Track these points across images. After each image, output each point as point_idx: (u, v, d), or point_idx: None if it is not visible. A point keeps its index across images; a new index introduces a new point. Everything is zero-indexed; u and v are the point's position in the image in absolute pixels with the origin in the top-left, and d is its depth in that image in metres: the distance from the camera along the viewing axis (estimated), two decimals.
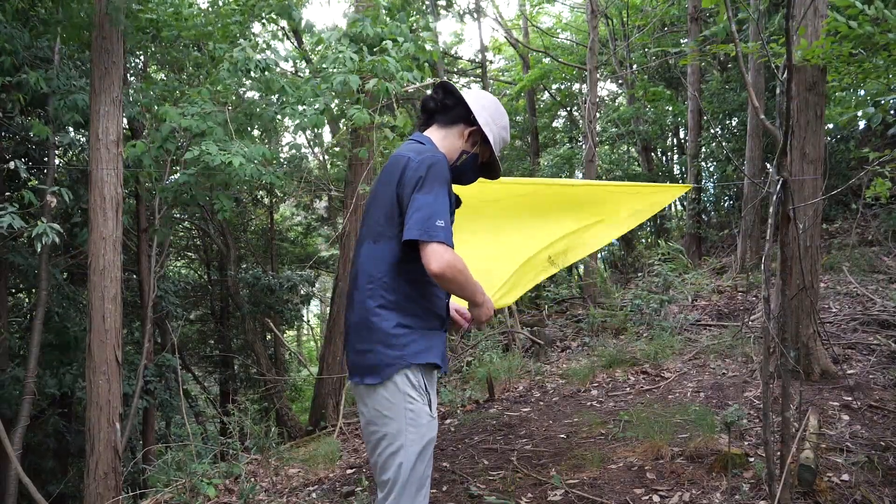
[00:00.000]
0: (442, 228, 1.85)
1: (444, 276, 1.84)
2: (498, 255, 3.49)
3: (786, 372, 2.53)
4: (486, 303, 2.11)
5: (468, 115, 2.14)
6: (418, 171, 1.91)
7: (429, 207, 1.87)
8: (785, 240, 2.44)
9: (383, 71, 5.60)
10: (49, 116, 6.83)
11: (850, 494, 2.85)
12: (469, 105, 2.13)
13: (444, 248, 1.84)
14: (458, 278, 1.88)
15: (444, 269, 1.83)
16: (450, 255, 1.85)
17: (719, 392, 4.66)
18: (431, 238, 1.83)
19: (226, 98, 6.36)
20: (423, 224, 1.85)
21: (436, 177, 1.91)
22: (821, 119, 4.45)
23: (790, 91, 2.38)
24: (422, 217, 1.85)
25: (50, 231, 5.34)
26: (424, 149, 2.02)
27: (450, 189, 1.98)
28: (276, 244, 14.27)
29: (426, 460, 2.00)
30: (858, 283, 6.76)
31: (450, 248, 1.85)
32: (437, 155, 1.98)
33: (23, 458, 7.04)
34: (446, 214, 1.89)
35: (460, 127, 2.16)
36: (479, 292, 2.04)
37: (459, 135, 2.16)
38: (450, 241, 1.87)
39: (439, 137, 2.16)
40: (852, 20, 3.69)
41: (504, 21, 15.25)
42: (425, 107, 2.20)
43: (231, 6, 6.68)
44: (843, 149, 9.84)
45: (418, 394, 1.98)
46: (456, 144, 2.16)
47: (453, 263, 1.85)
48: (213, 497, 4.08)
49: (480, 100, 2.18)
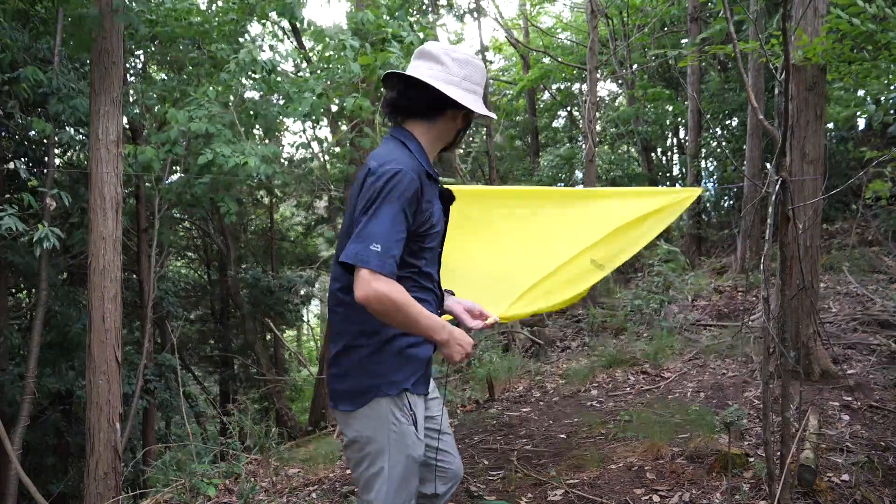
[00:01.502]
0: (376, 254, 1.67)
1: (368, 306, 1.67)
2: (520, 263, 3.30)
3: (786, 372, 2.53)
4: (453, 340, 1.84)
5: (450, 99, 1.84)
6: (373, 186, 1.73)
7: (367, 229, 1.70)
8: (785, 240, 2.44)
9: (386, 63, 5.59)
10: (49, 114, 6.83)
11: (850, 494, 2.85)
12: (445, 92, 1.83)
13: (372, 276, 1.66)
14: (388, 310, 1.69)
15: (369, 299, 1.66)
16: (379, 283, 1.66)
17: (719, 392, 4.66)
18: (360, 263, 1.67)
19: (227, 99, 6.37)
20: (356, 246, 1.69)
21: (389, 194, 1.71)
22: (821, 119, 4.45)
23: (789, 91, 2.38)
24: (356, 238, 1.71)
25: (51, 235, 5.34)
26: (391, 156, 1.79)
27: (406, 207, 1.74)
28: (276, 244, 14.27)
29: (411, 480, 1.91)
30: (858, 283, 6.76)
31: (382, 277, 1.67)
32: (401, 166, 1.75)
33: (23, 457, 7.04)
34: (389, 238, 1.70)
35: (448, 113, 1.90)
36: (433, 328, 1.79)
37: (451, 119, 1.93)
38: (385, 268, 1.67)
39: (424, 130, 1.91)
40: (853, 18, 3.69)
41: (504, 21, 15.25)
42: (396, 107, 1.92)
43: (229, 5, 6.68)
44: (843, 149, 9.84)
45: (403, 415, 1.87)
46: (449, 129, 1.95)
47: (381, 294, 1.66)
48: (213, 497, 4.08)
49: (450, 72, 1.87)
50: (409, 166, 1.76)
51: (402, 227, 1.74)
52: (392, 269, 1.70)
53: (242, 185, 10.74)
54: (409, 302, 1.72)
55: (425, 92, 1.84)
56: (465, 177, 9.63)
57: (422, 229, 1.83)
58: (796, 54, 4.15)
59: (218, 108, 5.97)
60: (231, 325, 13.33)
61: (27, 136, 7.75)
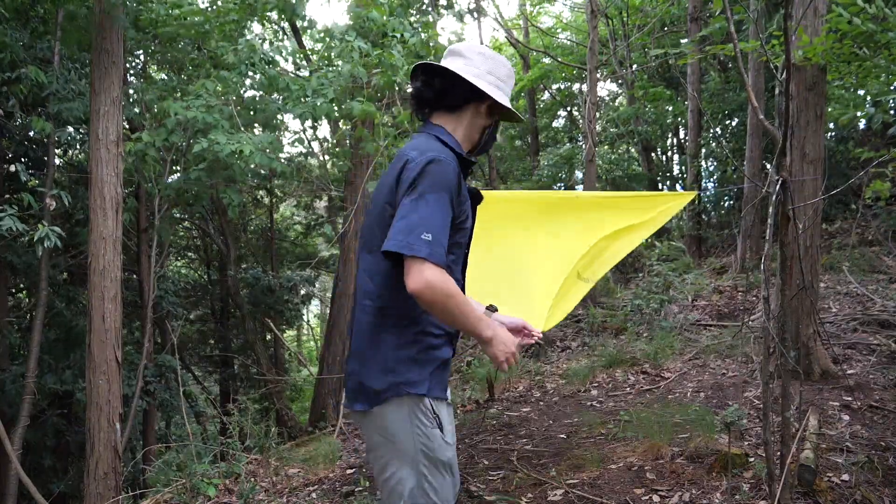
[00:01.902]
0: (427, 242, 1.60)
1: (422, 297, 1.60)
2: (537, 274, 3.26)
3: (786, 372, 2.52)
4: (498, 339, 1.75)
5: (473, 89, 1.85)
6: (413, 172, 1.68)
7: (415, 216, 1.63)
8: (785, 240, 2.44)
9: (389, 65, 5.59)
10: (49, 114, 6.83)
11: (850, 494, 2.85)
12: (471, 80, 1.83)
13: (425, 266, 1.59)
14: (442, 303, 1.61)
15: (423, 289, 1.58)
16: (432, 273, 1.59)
17: (719, 392, 4.66)
18: (412, 251, 1.59)
19: (227, 96, 6.36)
20: (405, 235, 1.61)
21: (433, 181, 1.66)
22: (821, 119, 4.45)
23: (789, 91, 2.38)
24: (404, 227, 1.62)
25: (52, 234, 5.34)
26: (430, 146, 1.76)
27: (452, 195, 1.71)
28: (276, 244, 14.27)
29: (444, 483, 1.79)
30: (858, 283, 6.76)
31: (435, 266, 1.60)
32: (442, 154, 1.72)
33: (23, 457, 7.04)
34: (438, 226, 1.63)
35: (473, 105, 1.88)
36: (481, 325, 1.72)
37: (475, 113, 1.89)
38: (436, 257, 1.60)
39: (453, 125, 1.89)
40: (854, 17, 3.70)
41: (504, 21, 15.25)
42: (421, 98, 1.91)
43: (229, 4, 6.68)
44: (843, 149, 9.84)
45: (427, 418, 1.76)
46: (476, 125, 1.91)
47: (435, 284, 1.59)
48: (213, 497, 4.08)
49: (474, 65, 1.87)
50: (448, 157, 1.74)
51: (448, 215, 1.70)
52: (443, 258, 1.63)
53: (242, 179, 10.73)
54: (460, 294, 1.66)
55: (448, 82, 1.86)
56: None
57: (457, 221, 1.77)
58: (796, 54, 4.15)
59: (216, 100, 5.95)
60: (231, 325, 13.32)
61: (27, 136, 7.75)
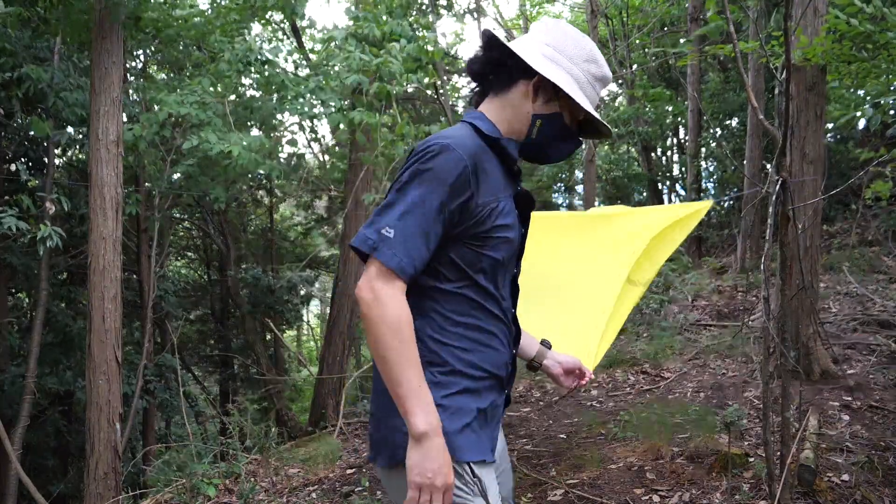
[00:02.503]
0: (387, 241, 1.27)
1: (360, 305, 1.28)
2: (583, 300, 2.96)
3: (786, 372, 2.53)
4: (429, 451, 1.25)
5: (520, 63, 1.44)
6: (409, 160, 1.36)
7: (385, 211, 1.32)
8: (785, 240, 2.44)
9: (388, 73, 5.59)
10: (49, 112, 6.82)
11: (850, 494, 2.85)
12: (514, 48, 1.44)
13: (379, 271, 1.27)
14: (375, 326, 1.25)
15: (362, 297, 1.27)
16: (383, 285, 1.26)
17: (719, 392, 4.66)
18: (366, 248, 1.29)
19: (224, 94, 6.36)
20: (365, 227, 1.32)
21: (423, 174, 1.32)
22: (821, 119, 4.45)
23: (789, 91, 2.38)
24: (372, 220, 1.33)
25: (54, 235, 5.34)
26: (447, 133, 1.41)
27: (449, 193, 1.32)
28: (276, 244, 14.27)
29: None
30: (858, 283, 6.76)
31: (392, 276, 1.27)
32: (452, 141, 1.34)
33: (23, 457, 7.04)
34: (410, 227, 1.28)
35: (521, 85, 1.46)
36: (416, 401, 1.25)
37: (523, 95, 1.46)
38: (394, 263, 1.27)
39: (496, 108, 1.48)
40: (852, 18, 3.70)
41: (504, 21, 15.25)
42: (472, 72, 1.53)
43: (231, 5, 6.68)
44: (843, 149, 9.84)
45: (462, 482, 1.33)
46: (522, 110, 1.46)
47: (382, 300, 1.25)
48: (213, 497, 4.08)
49: (541, 34, 1.48)
50: (461, 145, 1.34)
51: (433, 218, 1.31)
52: (406, 270, 1.28)
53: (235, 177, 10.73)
54: (410, 337, 1.27)
55: (499, 55, 1.47)
56: None
57: (478, 230, 1.36)
58: (796, 54, 4.15)
59: (211, 97, 5.95)
60: (231, 325, 13.32)
61: (27, 137, 7.75)
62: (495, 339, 1.43)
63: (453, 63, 15.80)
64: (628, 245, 3.13)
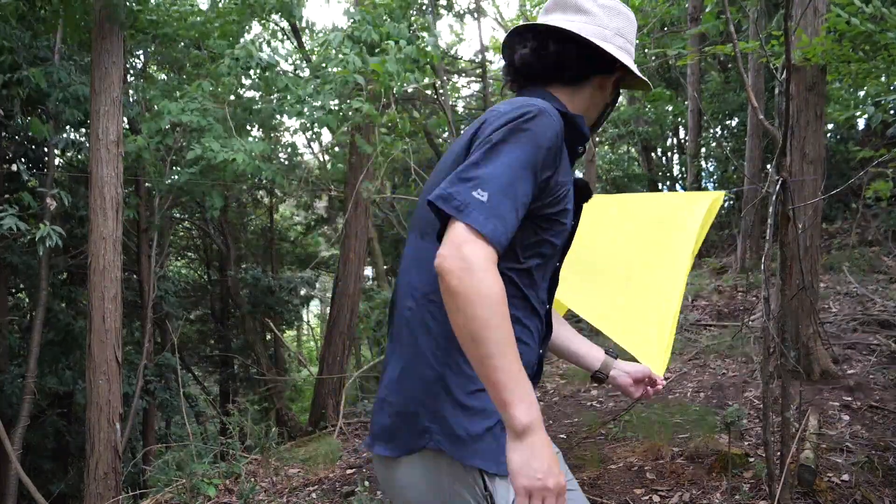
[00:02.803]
0: (480, 204, 1.08)
1: (445, 279, 1.06)
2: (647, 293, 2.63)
3: (786, 372, 2.53)
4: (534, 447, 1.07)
5: (602, 59, 1.36)
6: (498, 120, 1.19)
7: (477, 169, 1.12)
8: (785, 240, 2.44)
9: (385, 73, 5.59)
10: (49, 113, 6.83)
11: (850, 494, 2.85)
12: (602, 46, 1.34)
13: (469, 235, 1.07)
14: (471, 303, 1.04)
15: (451, 266, 1.05)
16: (475, 250, 1.06)
17: (719, 392, 4.66)
18: (454, 212, 1.09)
19: (225, 96, 6.37)
20: (450, 185, 1.12)
21: (519, 131, 1.16)
22: (821, 119, 4.45)
23: (789, 91, 2.38)
24: (454, 176, 1.13)
25: (53, 234, 5.35)
26: (531, 100, 1.24)
27: (541, 159, 1.17)
28: (276, 244, 14.28)
29: None
30: (858, 283, 6.77)
31: (483, 242, 1.07)
32: (546, 108, 1.21)
33: (23, 458, 7.04)
34: (503, 188, 1.11)
35: (596, 80, 1.39)
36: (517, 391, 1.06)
37: (598, 88, 1.41)
38: (488, 228, 1.08)
39: (566, 97, 1.38)
40: (852, 18, 3.70)
41: (504, 21, 15.25)
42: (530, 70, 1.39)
43: (230, 5, 6.69)
44: (843, 149, 9.85)
45: (471, 493, 1.19)
46: (597, 103, 1.43)
47: (474, 266, 1.05)
48: (213, 497, 4.08)
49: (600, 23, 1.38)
50: (555, 113, 1.23)
51: (528, 184, 1.15)
52: (499, 237, 1.09)
53: (242, 186, 10.77)
54: (505, 314, 1.07)
55: (568, 48, 1.34)
56: None
57: (549, 210, 1.24)
58: (796, 54, 4.15)
59: (211, 102, 5.97)
60: (231, 325, 13.33)
61: (27, 136, 7.76)
62: (528, 334, 1.29)
63: (453, 63, 15.81)
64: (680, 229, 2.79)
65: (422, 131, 8.04)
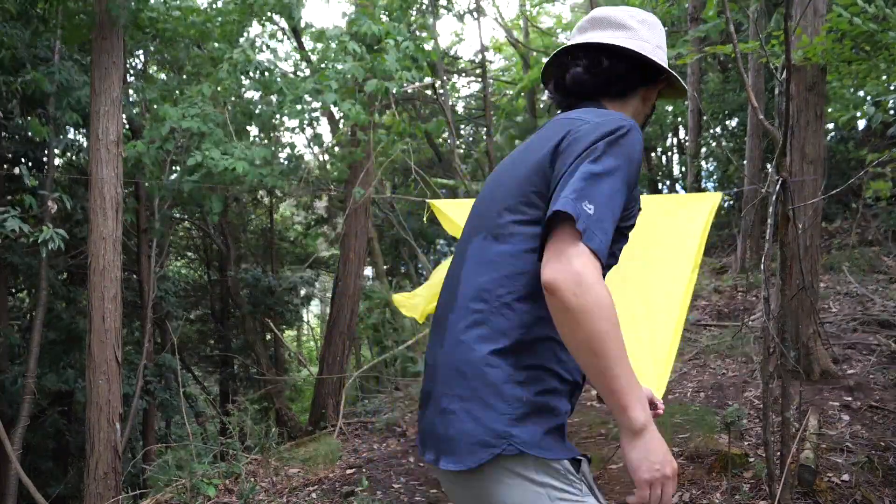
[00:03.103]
0: (589, 217, 1.10)
1: (560, 294, 1.07)
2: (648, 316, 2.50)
3: (786, 372, 2.52)
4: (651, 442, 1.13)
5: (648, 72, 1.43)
6: (595, 132, 1.21)
7: (586, 181, 1.14)
8: (785, 240, 2.44)
9: (382, 70, 5.59)
10: (49, 116, 6.83)
11: (850, 494, 2.85)
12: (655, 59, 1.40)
13: (580, 248, 1.09)
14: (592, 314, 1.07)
15: (566, 282, 1.07)
16: (587, 262, 1.08)
17: (719, 392, 4.66)
18: (567, 223, 1.11)
19: (225, 98, 6.37)
20: (572, 199, 1.12)
21: (619, 148, 1.19)
22: (821, 119, 4.45)
23: (789, 91, 2.38)
24: (575, 190, 1.13)
25: (56, 237, 5.35)
26: (610, 113, 1.30)
27: (631, 177, 1.22)
28: (276, 244, 14.28)
29: None
30: (858, 283, 6.76)
31: (593, 258, 1.10)
32: (632, 122, 1.26)
33: (23, 458, 7.04)
34: (605, 205, 1.14)
35: (640, 93, 1.45)
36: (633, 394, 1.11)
37: (641, 101, 1.47)
38: (597, 243, 1.11)
39: (616, 109, 1.41)
40: (854, 17, 3.70)
41: (504, 21, 15.27)
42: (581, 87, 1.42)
43: (230, 5, 6.69)
44: (843, 149, 9.85)
45: (566, 483, 1.20)
46: (639, 112, 1.47)
47: (589, 281, 1.07)
48: (213, 497, 4.08)
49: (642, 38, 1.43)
50: (639, 130, 1.28)
51: (623, 199, 1.20)
52: (604, 250, 1.12)
53: (242, 188, 10.76)
54: (618, 323, 1.10)
55: (619, 64, 1.40)
56: (465, 178, 9.63)
57: (623, 224, 1.28)
58: (797, 54, 4.15)
59: (211, 107, 5.97)
60: (231, 325, 13.33)
61: (27, 137, 7.76)
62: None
63: (453, 63, 15.82)
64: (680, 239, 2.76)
65: (422, 133, 8.04)
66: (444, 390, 1.25)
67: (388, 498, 3.78)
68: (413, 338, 7.79)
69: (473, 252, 1.32)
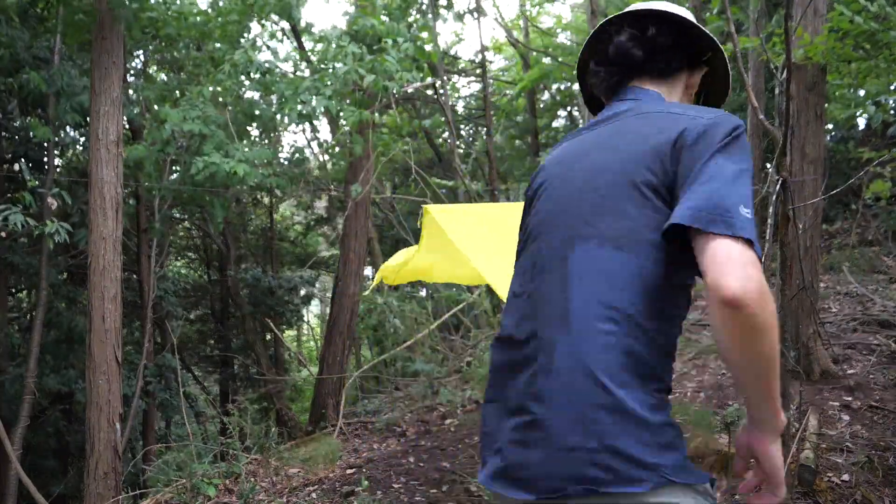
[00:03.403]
0: (749, 221, 1.03)
1: (743, 308, 0.98)
2: None
3: (786, 372, 2.52)
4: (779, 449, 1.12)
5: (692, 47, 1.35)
6: (721, 129, 1.13)
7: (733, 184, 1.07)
8: (785, 240, 2.44)
9: (382, 70, 5.59)
10: (49, 116, 6.83)
11: (850, 494, 2.85)
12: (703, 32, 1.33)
13: (748, 255, 1.00)
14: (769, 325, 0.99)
15: (748, 295, 0.97)
16: (757, 272, 1.00)
17: (719, 392, 4.66)
18: (732, 230, 1.01)
19: (226, 99, 6.37)
20: (718, 205, 1.03)
21: (742, 145, 1.14)
22: (821, 119, 4.45)
23: (789, 91, 2.38)
24: (715, 193, 1.05)
25: (62, 230, 5.35)
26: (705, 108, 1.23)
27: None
28: (276, 244, 14.28)
29: None
30: (858, 283, 6.76)
31: (757, 262, 1.02)
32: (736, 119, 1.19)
33: (23, 457, 7.04)
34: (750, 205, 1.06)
35: (683, 76, 1.37)
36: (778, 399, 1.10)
37: (683, 84, 1.38)
38: (758, 250, 1.04)
39: (665, 94, 1.34)
40: (856, 16, 3.70)
41: (504, 21, 15.26)
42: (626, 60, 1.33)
43: (230, 5, 6.69)
44: (843, 149, 9.85)
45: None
46: (683, 98, 1.40)
47: (765, 293, 0.98)
48: (213, 497, 4.08)
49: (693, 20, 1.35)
50: None
51: None
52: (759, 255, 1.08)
53: (243, 188, 10.76)
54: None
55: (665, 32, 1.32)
56: (465, 177, 9.63)
57: None
58: (797, 53, 4.15)
59: (212, 109, 5.97)
60: (231, 325, 13.33)
61: (27, 137, 7.76)
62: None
63: (453, 63, 15.82)
64: None
65: (422, 133, 8.05)
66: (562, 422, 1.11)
67: (388, 498, 3.78)
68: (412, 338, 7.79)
69: (583, 263, 1.17)
